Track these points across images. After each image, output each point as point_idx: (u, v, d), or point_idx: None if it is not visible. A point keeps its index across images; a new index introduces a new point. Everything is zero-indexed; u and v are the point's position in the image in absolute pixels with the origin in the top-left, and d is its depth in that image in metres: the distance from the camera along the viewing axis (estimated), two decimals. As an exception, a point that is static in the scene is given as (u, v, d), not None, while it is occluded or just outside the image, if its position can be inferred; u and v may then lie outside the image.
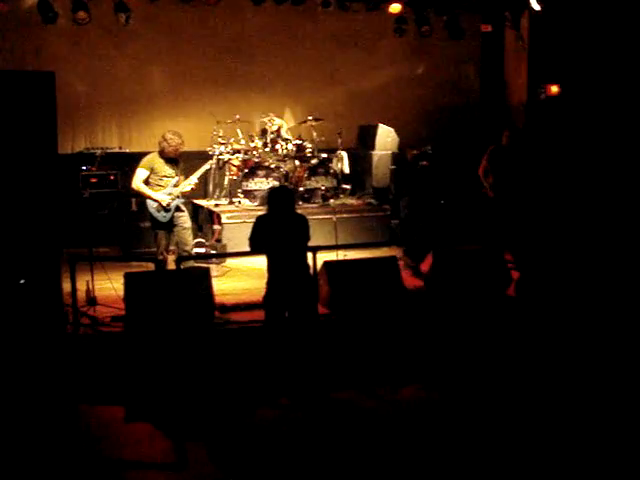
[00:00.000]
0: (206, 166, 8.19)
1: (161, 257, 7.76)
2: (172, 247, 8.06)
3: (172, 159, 7.78)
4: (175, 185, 7.80)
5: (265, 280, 6.29)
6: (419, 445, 5.25)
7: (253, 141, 10.45)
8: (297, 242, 6.29)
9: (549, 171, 9.67)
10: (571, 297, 7.44)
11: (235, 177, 10.36)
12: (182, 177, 7.88)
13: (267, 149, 10.42)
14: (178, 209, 7.84)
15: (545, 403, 5.86)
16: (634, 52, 9.46)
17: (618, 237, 8.43)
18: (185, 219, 7.90)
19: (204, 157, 9.29)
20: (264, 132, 10.58)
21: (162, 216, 7.74)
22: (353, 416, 5.77)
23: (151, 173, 7.75)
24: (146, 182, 7.74)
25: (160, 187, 7.74)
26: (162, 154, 7.76)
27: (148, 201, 7.75)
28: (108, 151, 10.40)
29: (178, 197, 7.82)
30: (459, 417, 5.69)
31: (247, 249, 6.41)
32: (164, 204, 7.69)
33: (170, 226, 7.82)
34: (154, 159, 7.79)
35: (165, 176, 7.77)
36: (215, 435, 5.48)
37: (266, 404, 5.99)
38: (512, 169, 8.80)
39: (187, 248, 7.84)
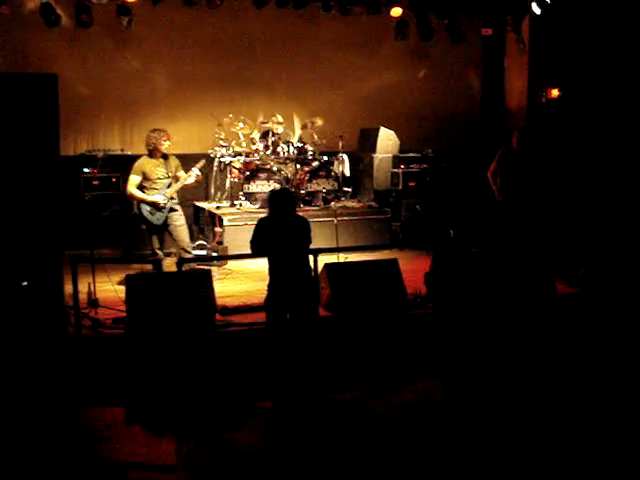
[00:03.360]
0: (195, 170, 7.95)
1: (156, 257, 7.81)
2: (173, 249, 8.08)
3: (162, 156, 7.83)
4: (168, 186, 7.85)
5: (266, 282, 6.31)
6: (420, 447, 5.26)
7: (254, 143, 10.47)
8: (298, 245, 6.30)
9: (550, 174, 9.68)
10: (576, 298, 7.48)
11: (236, 180, 10.38)
12: (174, 176, 7.91)
13: (268, 152, 10.45)
14: (171, 209, 7.88)
15: (545, 406, 5.86)
16: (634, 55, 9.47)
17: (620, 236, 8.44)
18: (177, 217, 7.92)
19: (204, 159, 9.29)
20: (265, 135, 10.60)
21: (156, 219, 7.80)
22: (354, 418, 5.78)
23: (143, 178, 7.78)
24: (140, 188, 7.80)
25: (155, 190, 7.81)
26: (154, 154, 7.80)
27: (141, 205, 7.80)
28: (110, 153, 10.44)
29: (172, 198, 7.86)
30: (461, 419, 5.69)
31: (248, 251, 6.43)
32: (161, 203, 7.73)
33: (164, 227, 7.87)
34: (144, 163, 7.83)
35: (158, 178, 7.82)
36: (215, 436, 5.49)
37: (267, 406, 6.00)
38: (521, 172, 8.79)
39: (184, 245, 7.87)
